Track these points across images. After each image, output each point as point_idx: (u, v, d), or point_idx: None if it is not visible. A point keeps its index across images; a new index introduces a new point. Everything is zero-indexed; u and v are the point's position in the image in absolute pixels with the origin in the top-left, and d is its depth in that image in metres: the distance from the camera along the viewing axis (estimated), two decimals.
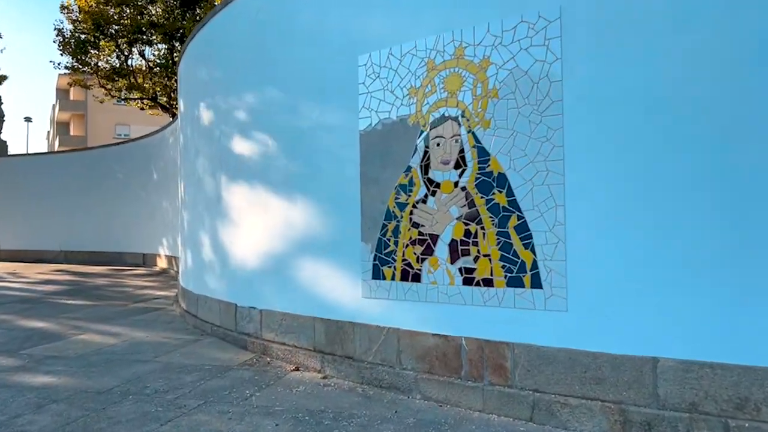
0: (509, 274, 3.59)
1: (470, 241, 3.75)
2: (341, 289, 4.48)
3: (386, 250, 4.18)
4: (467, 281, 3.76)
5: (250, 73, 5.47)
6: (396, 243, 4.13)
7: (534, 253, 3.50)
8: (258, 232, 5.26)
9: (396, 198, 4.14)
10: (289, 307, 4.94)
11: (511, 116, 3.59)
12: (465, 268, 3.77)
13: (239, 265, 5.57)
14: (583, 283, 3.32)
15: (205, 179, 6.41)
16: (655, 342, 3.10)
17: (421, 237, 3.99)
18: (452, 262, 3.84)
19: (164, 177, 14.42)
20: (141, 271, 14.64)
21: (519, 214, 3.56)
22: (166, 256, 14.57)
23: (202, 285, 6.49)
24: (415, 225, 4.02)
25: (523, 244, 3.54)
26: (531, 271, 3.51)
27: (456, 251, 3.82)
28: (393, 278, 4.14)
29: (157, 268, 14.99)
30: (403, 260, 4.08)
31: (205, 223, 6.41)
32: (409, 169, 4.07)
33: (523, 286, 3.54)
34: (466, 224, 3.77)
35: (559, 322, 3.40)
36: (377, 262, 4.23)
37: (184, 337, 6.10)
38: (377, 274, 4.23)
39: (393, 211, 4.15)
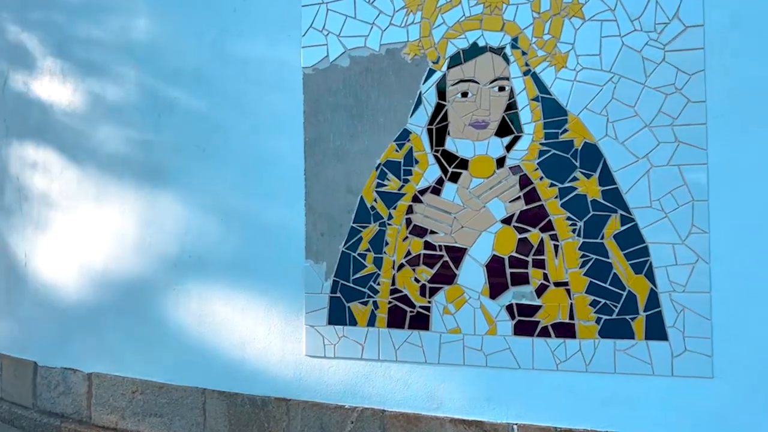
0: (604, 316, 2.12)
1: (529, 259, 2.20)
2: (263, 341, 2.59)
3: (358, 274, 2.42)
4: (523, 328, 2.20)
5: None
6: (379, 262, 2.39)
7: (652, 279, 2.08)
8: (86, 239, 3.05)
9: (379, 184, 2.40)
10: (151, 370, 2.85)
11: (609, 48, 2.13)
12: (519, 305, 2.21)
13: (44, 296, 3.24)
14: (742, 330, 1.99)
15: None
16: None
17: (429, 252, 2.32)
18: (494, 296, 2.24)
19: None
20: None
21: (623, 213, 2.11)
22: None
23: None
24: (418, 231, 2.34)
25: (632, 265, 2.10)
26: (646, 310, 2.08)
27: (501, 277, 2.23)
28: (372, 322, 2.40)
29: None
30: (394, 291, 2.37)
31: None
32: (405, 135, 2.37)
33: (632, 336, 2.09)
34: (522, 231, 2.21)
35: (700, 399, 2.02)
36: (339, 294, 2.45)
37: None
38: (339, 315, 2.44)
39: (373, 207, 2.41)
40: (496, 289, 2.24)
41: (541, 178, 2.19)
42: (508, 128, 2.23)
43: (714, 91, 2.03)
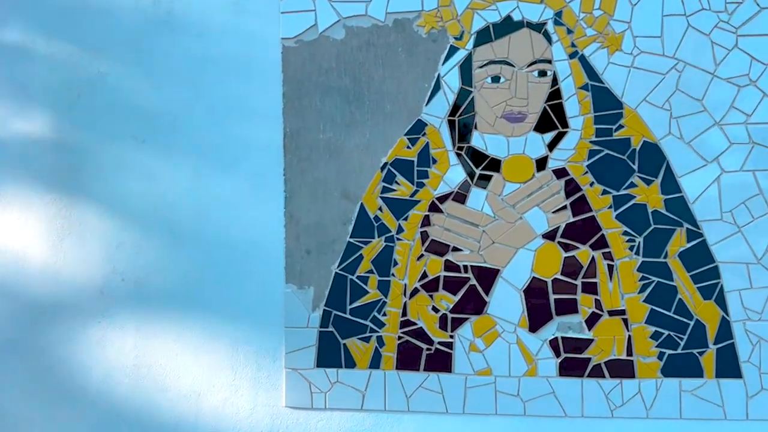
0: (668, 351, 1.76)
1: (577, 282, 1.80)
2: (226, 391, 1.99)
3: (358, 302, 1.90)
4: (570, 367, 1.80)
5: None
6: (386, 287, 1.89)
7: (723, 306, 1.75)
8: None
9: (385, 189, 1.90)
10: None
11: (672, 29, 1.78)
12: (566, 339, 1.80)
13: None
14: None
15: None
16: None
17: (452, 274, 1.86)
18: (534, 328, 1.81)
19: None
20: None
21: (690, 227, 1.76)
22: None
23: None
24: (437, 248, 1.87)
25: (700, 289, 1.76)
26: (716, 342, 1.75)
27: (543, 304, 1.81)
28: (376, 363, 1.89)
29: None
30: (405, 323, 1.88)
31: None
32: (419, 127, 1.89)
33: (701, 374, 1.75)
34: (568, 248, 1.80)
35: None
36: (332, 327, 1.91)
37: None
38: (331, 356, 1.91)
39: (377, 218, 1.90)
40: (536, 320, 1.81)
41: (592, 184, 1.80)
42: (551, 122, 1.82)
43: None
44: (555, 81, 1.82)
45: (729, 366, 1.74)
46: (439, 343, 1.86)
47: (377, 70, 1.91)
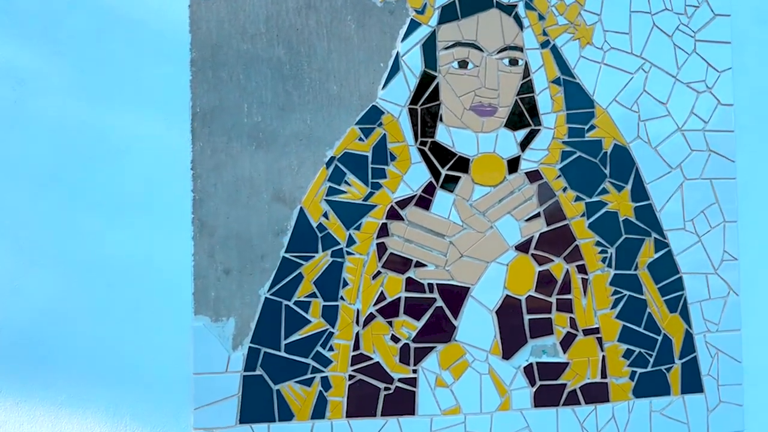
0: (639, 369, 1.64)
1: (552, 299, 1.59)
2: None
3: (296, 335, 1.47)
4: (546, 396, 1.58)
5: None
6: (333, 314, 1.49)
7: (687, 318, 1.68)
8: None
9: (332, 190, 1.50)
10: None
11: (639, 27, 1.68)
12: (541, 365, 1.58)
13: None
14: None
15: None
16: None
17: (414, 295, 1.52)
18: (507, 355, 1.56)
19: None
20: None
21: (657, 237, 1.67)
22: None
23: None
24: (397, 263, 1.52)
25: (666, 302, 1.67)
26: (682, 356, 1.67)
27: (517, 326, 1.57)
28: (321, 412, 1.47)
29: None
30: (358, 358, 1.49)
31: None
32: (374, 116, 1.53)
33: (668, 392, 1.66)
34: (543, 261, 1.59)
35: None
36: (261, 370, 1.45)
37: None
38: (259, 407, 1.45)
39: (322, 226, 1.50)
40: (510, 345, 1.57)
41: (565, 189, 1.62)
42: (523, 118, 1.60)
43: (741, 93, 1.74)
44: (527, 72, 1.60)
45: (692, 381, 1.68)
46: (400, 380, 1.51)
47: (320, 42, 1.52)
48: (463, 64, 1.56)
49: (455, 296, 1.54)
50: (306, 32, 1.51)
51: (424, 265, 1.53)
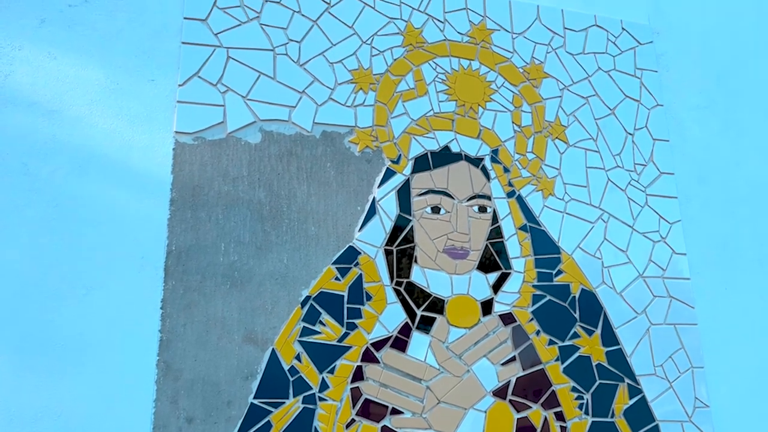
0: None
1: None
2: None
3: None
4: None
5: None
6: None
7: None
8: None
9: (306, 330, 1.46)
10: None
11: (596, 181, 1.82)
12: None
13: None
14: None
15: None
16: None
17: None
18: None
19: None
20: None
21: (630, 382, 1.66)
22: None
23: None
24: (372, 410, 1.45)
25: None
26: None
27: None
28: None
29: None
30: None
31: None
32: (351, 256, 1.54)
33: None
34: (520, 407, 1.54)
35: None
36: None
37: None
38: None
39: (294, 369, 1.43)
40: None
41: (538, 332, 1.63)
42: (494, 262, 1.65)
43: (692, 243, 1.86)
44: (495, 219, 1.68)
45: None
46: None
47: (301, 186, 1.58)
48: (435, 209, 1.64)
49: None
50: (287, 177, 1.57)
51: (400, 413, 1.46)
